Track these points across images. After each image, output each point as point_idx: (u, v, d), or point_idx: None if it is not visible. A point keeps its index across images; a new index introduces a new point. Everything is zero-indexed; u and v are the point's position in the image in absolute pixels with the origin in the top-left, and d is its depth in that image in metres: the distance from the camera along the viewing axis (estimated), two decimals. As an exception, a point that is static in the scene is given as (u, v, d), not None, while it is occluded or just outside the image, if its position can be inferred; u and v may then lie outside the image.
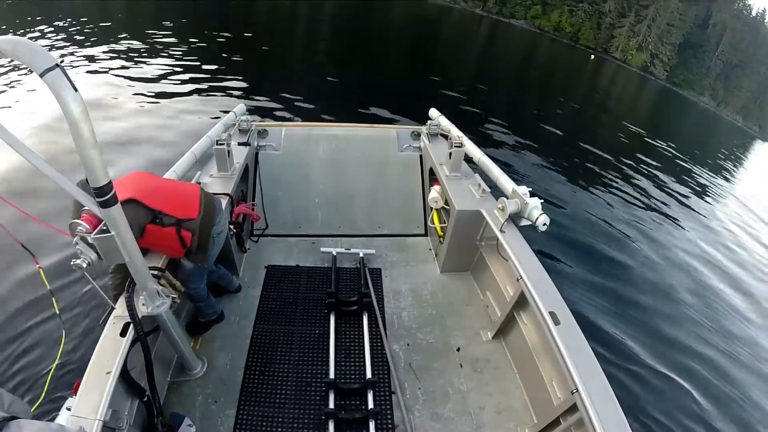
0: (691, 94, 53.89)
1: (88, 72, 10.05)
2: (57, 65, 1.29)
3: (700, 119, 39.52)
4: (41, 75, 1.26)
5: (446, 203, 3.65)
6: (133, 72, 10.45)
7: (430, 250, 4.05)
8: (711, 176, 15.88)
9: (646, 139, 17.32)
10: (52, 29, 13.00)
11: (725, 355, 5.41)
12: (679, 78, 54.98)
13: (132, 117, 8.01)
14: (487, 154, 3.58)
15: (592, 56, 50.83)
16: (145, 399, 2.11)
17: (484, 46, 35.28)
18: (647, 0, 54.24)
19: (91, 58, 10.94)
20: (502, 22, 55.47)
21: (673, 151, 16.78)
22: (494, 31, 47.02)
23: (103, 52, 11.57)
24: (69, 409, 1.80)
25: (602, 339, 4.81)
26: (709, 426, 4.27)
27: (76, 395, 1.76)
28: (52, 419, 2.21)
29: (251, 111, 4.48)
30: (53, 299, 2.38)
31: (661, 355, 4.95)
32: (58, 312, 2.52)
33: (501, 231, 2.95)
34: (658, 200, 10.58)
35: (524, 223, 2.99)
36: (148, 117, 8.14)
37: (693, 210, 11.00)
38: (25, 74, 8.82)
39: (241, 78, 11.22)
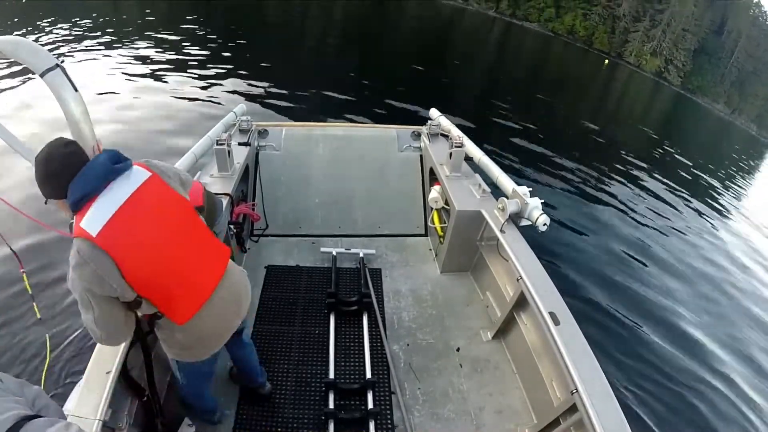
0: (705, 101, 52.92)
1: (92, 68, 10.24)
2: (57, 65, 1.30)
3: (713, 127, 38.83)
4: (41, 75, 1.27)
5: (446, 203, 3.63)
6: (134, 71, 10.55)
7: (430, 250, 4.03)
8: (723, 186, 15.51)
9: (658, 145, 17.07)
10: (60, 28, 13.25)
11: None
12: (694, 84, 54.08)
13: (132, 115, 8.06)
14: (488, 154, 3.56)
15: (606, 61, 50.45)
16: (145, 399, 2.10)
17: (496, 49, 35.11)
18: (662, 5, 53.66)
19: (95, 57, 11.15)
20: (515, 24, 55.16)
21: (685, 159, 16.47)
22: (507, 33, 46.75)
23: (109, 51, 11.76)
24: None
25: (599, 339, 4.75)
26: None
27: None
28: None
29: (252, 110, 4.47)
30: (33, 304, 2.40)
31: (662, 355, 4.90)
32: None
33: (501, 231, 2.94)
34: (666, 207, 10.39)
35: (524, 223, 2.97)
36: (148, 115, 8.18)
37: (704, 217, 10.80)
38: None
39: (243, 78, 11.28)
